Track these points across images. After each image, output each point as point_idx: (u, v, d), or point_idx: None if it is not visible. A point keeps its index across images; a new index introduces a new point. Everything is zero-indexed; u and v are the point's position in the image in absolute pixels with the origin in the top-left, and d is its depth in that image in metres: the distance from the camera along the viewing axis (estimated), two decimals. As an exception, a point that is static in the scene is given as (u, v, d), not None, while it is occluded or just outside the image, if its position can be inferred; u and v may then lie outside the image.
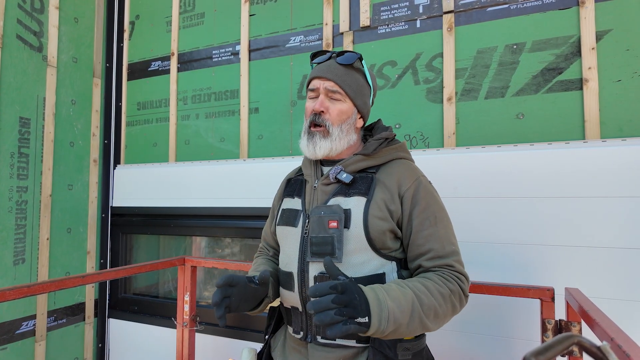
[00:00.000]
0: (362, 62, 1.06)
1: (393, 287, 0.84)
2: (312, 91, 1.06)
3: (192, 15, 2.45)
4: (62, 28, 2.32)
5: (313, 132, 1.04)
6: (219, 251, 2.41)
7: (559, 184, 1.51)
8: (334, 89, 1.02)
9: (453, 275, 0.92)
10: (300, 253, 1.00)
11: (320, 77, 1.04)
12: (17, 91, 2.06)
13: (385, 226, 0.94)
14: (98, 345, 2.49)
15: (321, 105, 1.02)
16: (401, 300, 0.81)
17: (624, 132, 1.50)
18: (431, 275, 0.91)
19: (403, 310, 0.80)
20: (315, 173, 1.08)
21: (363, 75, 1.07)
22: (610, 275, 1.42)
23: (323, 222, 0.95)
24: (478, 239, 1.62)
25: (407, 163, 1.05)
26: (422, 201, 0.97)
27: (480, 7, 1.74)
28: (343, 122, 1.03)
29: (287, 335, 1.09)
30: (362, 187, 0.98)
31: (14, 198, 2.04)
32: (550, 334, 1.17)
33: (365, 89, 1.08)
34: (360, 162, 1.02)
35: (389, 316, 0.78)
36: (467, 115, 1.74)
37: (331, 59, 1.06)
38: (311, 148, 1.04)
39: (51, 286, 1.33)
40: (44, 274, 2.17)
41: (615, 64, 1.52)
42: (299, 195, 1.08)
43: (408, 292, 0.84)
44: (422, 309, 0.83)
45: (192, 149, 2.41)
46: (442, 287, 0.88)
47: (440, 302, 0.86)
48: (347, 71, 1.03)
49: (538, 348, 0.49)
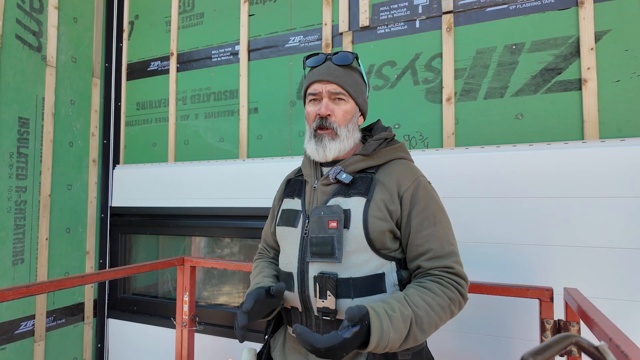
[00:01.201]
0: (359, 61, 1.09)
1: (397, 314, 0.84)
2: (314, 95, 1.06)
3: (192, 15, 2.45)
4: (61, 28, 2.32)
5: (321, 134, 1.04)
6: (218, 251, 2.41)
7: (558, 184, 1.51)
8: (337, 91, 1.03)
9: (452, 281, 0.92)
10: (300, 253, 1.00)
11: (322, 81, 1.03)
12: (16, 91, 2.06)
13: (385, 226, 0.94)
14: (97, 346, 2.49)
15: (327, 109, 1.02)
16: (401, 327, 0.83)
17: (623, 133, 1.50)
18: (431, 285, 0.91)
19: (400, 335, 0.83)
20: (315, 173, 1.08)
21: (359, 73, 1.09)
22: (609, 276, 1.42)
23: (323, 222, 0.95)
24: (477, 239, 1.62)
25: (407, 163, 1.05)
26: (422, 201, 0.97)
27: (480, 8, 1.74)
28: (349, 122, 1.04)
29: (287, 336, 1.09)
30: (362, 188, 0.98)
31: (13, 198, 2.04)
32: (549, 334, 1.17)
33: (363, 87, 1.09)
34: (360, 163, 1.02)
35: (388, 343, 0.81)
36: (466, 115, 1.74)
37: (327, 60, 1.06)
38: (321, 151, 1.03)
39: (50, 286, 1.33)
40: (43, 274, 2.16)
41: (614, 64, 1.52)
42: (299, 196, 1.08)
43: (408, 315, 0.85)
44: (421, 328, 0.86)
45: (191, 149, 2.41)
46: (442, 298, 0.89)
47: (440, 315, 0.88)
48: (346, 71, 1.04)
49: (536, 348, 0.49)
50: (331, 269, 0.95)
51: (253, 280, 1.11)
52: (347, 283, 0.93)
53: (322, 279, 0.94)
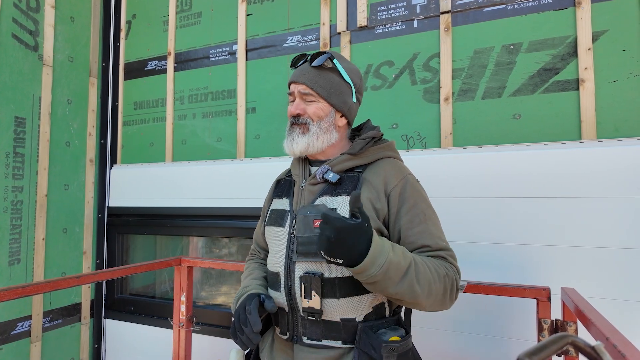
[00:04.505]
0: (334, 61, 1.06)
1: (397, 247, 0.86)
2: (290, 94, 1.10)
3: (189, 15, 2.44)
4: (58, 27, 2.31)
5: (293, 128, 1.07)
6: (216, 251, 2.41)
7: (556, 184, 1.51)
8: (305, 91, 1.05)
9: (447, 263, 0.94)
10: (287, 253, 1.00)
11: (295, 82, 1.07)
12: (12, 90, 2.05)
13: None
14: (94, 346, 2.48)
15: (297, 108, 1.06)
16: (401, 259, 0.83)
17: (620, 132, 1.50)
18: (427, 257, 0.92)
19: (399, 268, 0.82)
20: (304, 173, 1.10)
21: (339, 74, 1.07)
22: (607, 275, 1.43)
23: (308, 221, 0.94)
24: (475, 239, 1.62)
25: (394, 162, 1.05)
26: (410, 199, 0.97)
27: (477, 8, 1.74)
28: (321, 119, 1.05)
29: (275, 337, 1.09)
30: (349, 187, 0.98)
31: (9, 198, 2.03)
32: (546, 333, 1.17)
33: (342, 87, 1.07)
34: (347, 162, 1.03)
35: (384, 264, 0.80)
36: (464, 115, 1.74)
37: (306, 62, 1.09)
38: (289, 144, 1.07)
39: (46, 287, 1.32)
40: (40, 275, 2.15)
41: (612, 64, 1.52)
42: (287, 196, 1.09)
43: (409, 255, 0.86)
44: (417, 275, 0.85)
45: (188, 148, 2.40)
46: (439, 267, 0.90)
47: (435, 278, 0.88)
48: (318, 72, 1.05)
49: (532, 348, 0.48)
50: (317, 268, 0.95)
51: (243, 282, 1.12)
52: (332, 283, 0.93)
53: (307, 279, 0.94)
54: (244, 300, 0.97)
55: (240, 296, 1.03)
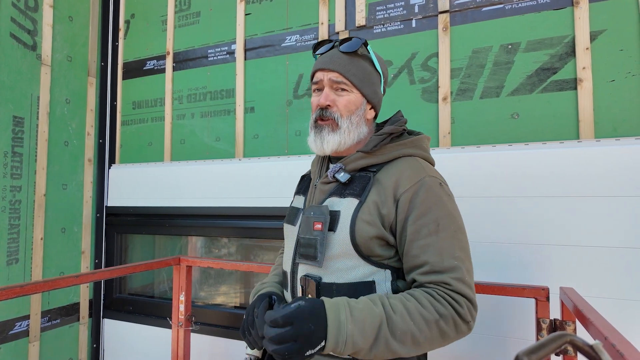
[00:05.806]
0: (368, 48, 0.98)
1: (361, 306, 0.78)
2: (316, 84, 0.99)
3: (188, 14, 2.43)
4: (57, 27, 2.30)
5: (321, 125, 0.97)
6: (215, 251, 2.40)
7: (554, 183, 1.51)
8: (338, 79, 0.95)
9: (447, 296, 0.80)
10: (294, 253, 0.97)
11: (323, 69, 0.96)
12: (10, 90, 2.05)
13: (372, 232, 0.86)
14: (93, 346, 2.47)
15: (326, 99, 0.95)
16: (366, 323, 0.76)
17: (618, 132, 1.50)
18: (419, 293, 0.82)
19: (366, 336, 0.75)
20: (320, 170, 1.04)
21: (370, 62, 0.99)
22: (605, 275, 1.43)
23: (310, 223, 0.91)
24: (473, 238, 1.61)
25: (414, 161, 0.94)
26: (422, 206, 0.86)
27: (476, 7, 1.74)
28: (352, 114, 0.96)
29: None
30: (357, 188, 0.91)
31: (8, 197, 2.02)
32: (545, 333, 1.17)
33: (373, 77, 0.99)
34: (360, 160, 0.94)
35: (347, 340, 0.74)
36: (463, 115, 1.74)
37: (334, 47, 0.99)
38: (319, 143, 0.97)
39: (44, 286, 1.32)
40: (38, 274, 2.15)
41: (609, 64, 1.53)
42: (304, 194, 1.06)
43: (378, 313, 0.77)
44: (394, 334, 0.76)
45: (187, 148, 2.40)
46: (429, 310, 0.79)
47: (421, 327, 0.78)
48: (351, 59, 0.96)
49: (530, 347, 0.48)
50: (316, 272, 0.91)
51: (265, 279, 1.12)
52: (329, 288, 0.88)
53: (305, 282, 0.91)
54: (255, 300, 0.96)
55: (255, 293, 1.03)
